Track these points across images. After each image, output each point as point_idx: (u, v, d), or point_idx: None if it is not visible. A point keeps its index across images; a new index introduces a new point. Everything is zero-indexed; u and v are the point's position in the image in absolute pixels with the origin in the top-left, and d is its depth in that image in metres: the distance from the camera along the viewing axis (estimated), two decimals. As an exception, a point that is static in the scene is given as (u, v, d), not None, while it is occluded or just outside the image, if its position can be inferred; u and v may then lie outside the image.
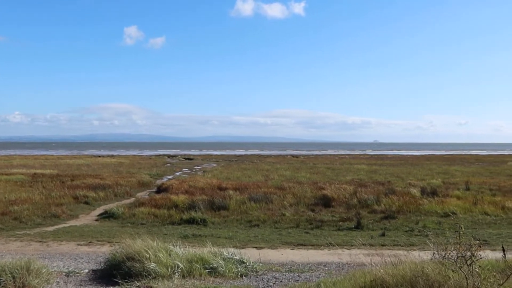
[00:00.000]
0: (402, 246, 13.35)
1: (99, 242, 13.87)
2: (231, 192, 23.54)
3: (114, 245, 12.30)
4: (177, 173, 44.01)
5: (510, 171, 42.19)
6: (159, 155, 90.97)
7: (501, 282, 5.45)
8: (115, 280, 8.65)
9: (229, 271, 9.19)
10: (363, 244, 12.95)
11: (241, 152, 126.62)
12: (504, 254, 7.79)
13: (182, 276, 8.68)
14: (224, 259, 9.63)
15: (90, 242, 13.92)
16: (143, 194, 26.59)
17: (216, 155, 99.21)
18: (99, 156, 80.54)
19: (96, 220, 18.78)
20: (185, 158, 79.78)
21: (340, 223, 17.33)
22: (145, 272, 8.59)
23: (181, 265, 8.91)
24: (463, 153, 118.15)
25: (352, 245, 13.35)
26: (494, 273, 5.84)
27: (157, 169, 47.35)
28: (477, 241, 5.88)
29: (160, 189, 27.91)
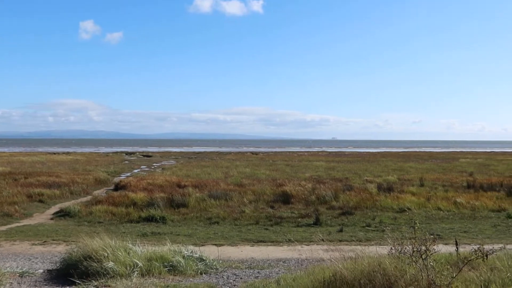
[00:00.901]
0: (359, 241, 13.61)
1: (54, 242, 13.51)
2: (190, 189, 23.39)
3: (70, 244, 12.02)
4: (135, 171, 43.37)
5: (461, 167, 43.65)
6: (117, 152, 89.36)
7: (454, 275, 5.64)
8: (72, 280, 8.45)
9: (189, 268, 9.14)
10: (322, 240, 13.13)
11: (201, 149, 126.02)
12: (457, 247, 8.05)
13: (141, 275, 8.57)
14: (183, 257, 9.56)
15: (45, 241, 13.54)
16: (100, 192, 26.07)
17: (175, 152, 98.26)
18: (54, 153, 78.40)
19: (51, 219, 18.28)
20: (143, 155, 78.68)
21: (299, 219, 17.50)
22: (103, 271, 8.42)
23: (140, 264, 8.78)
24: (417, 150, 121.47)
25: (311, 241, 13.52)
26: (448, 266, 6.04)
27: (114, 166, 46.49)
28: (431, 236, 6.06)
29: (118, 187, 27.42)
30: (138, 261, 8.83)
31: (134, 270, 8.61)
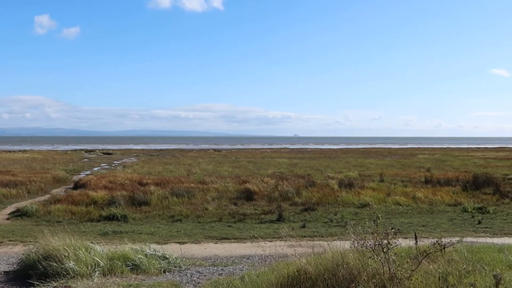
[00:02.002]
0: (322, 236, 13.78)
1: (11, 242, 13.12)
2: (152, 187, 23.14)
3: (28, 244, 11.70)
4: (96, 169, 42.55)
5: (419, 163, 44.78)
6: (76, 150, 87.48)
7: (414, 268, 5.79)
8: (30, 281, 8.23)
9: (152, 267, 9.05)
10: (285, 236, 13.24)
11: (162, 146, 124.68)
12: (416, 241, 8.26)
13: (103, 274, 8.42)
14: (146, 256, 9.46)
15: (1, 242, 13.12)
16: (59, 191, 25.46)
17: (136, 149, 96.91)
18: (9, 152, 75.92)
19: (7, 219, 17.71)
20: (103, 153, 77.23)
21: (263, 216, 17.58)
22: (64, 272, 8.24)
23: (102, 263, 8.63)
24: (377, 146, 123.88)
25: (274, 237, 13.62)
26: (408, 260, 6.20)
27: (73, 164, 45.46)
28: (392, 230, 6.20)
29: (78, 185, 26.84)
30: (99, 261, 8.68)
31: (96, 269, 8.46)
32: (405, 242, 9.99)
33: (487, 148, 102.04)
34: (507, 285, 5.66)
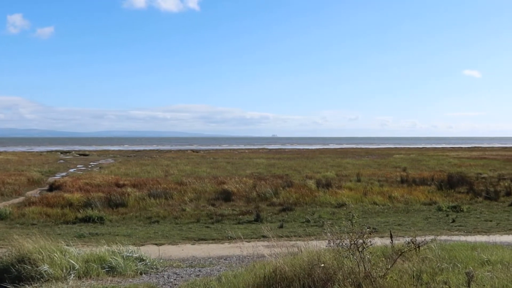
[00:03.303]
0: (299, 236, 13.85)
1: (-16, 246, 12.84)
2: (129, 188, 22.96)
3: (1, 248, 11.47)
4: (71, 170, 41.95)
5: (395, 163, 45.34)
6: (51, 151, 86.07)
7: (389, 267, 5.86)
8: (3, 285, 8.08)
9: (128, 269, 8.96)
10: (262, 236, 13.29)
11: (140, 147, 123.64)
12: (392, 240, 8.37)
13: (78, 277, 8.32)
14: (123, 258, 9.37)
15: (-27, 246, 12.84)
16: (33, 193, 25.02)
17: (113, 150, 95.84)
18: (-17, 153, 74.41)
19: (-20, 222, 17.34)
20: (79, 154, 76.19)
21: (240, 216, 17.60)
22: (38, 275, 8.11)
23: (77, 266, 8.53)
24: (354, 146, 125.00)
25: (252, 238, 13.65)
26: (383, 258, 6.27)
27: (49, 166, 44.74)
28: (368, 229, 6.26)
29: (53, 187, 26.41)
30: (75, 263, 8.57)
31: (71, 272, 8.35)
32: (381, 241, 10.12)
33: (461, 148, 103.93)
34: (479, 282, 5.77)
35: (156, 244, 13.04)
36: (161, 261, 10.15)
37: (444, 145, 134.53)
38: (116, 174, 32.71)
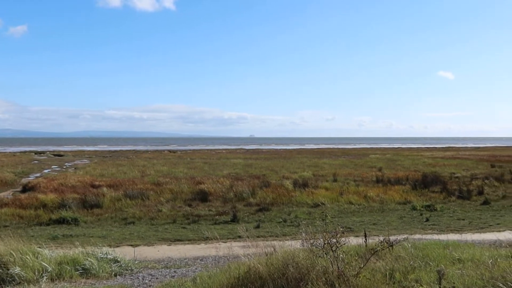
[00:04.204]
0: (276, 236, 13.88)
1: (-47, 248, 12.54)
2: (105, 189, 22.71)
3: (-28, 250, 11.22)
4: (46, 171, 41.27)
5: (371, 163, 45.77)
6: (25, 152, 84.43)
7: (362, 265, 5.92)
8: (-27, 288, 7.91)
9: (102, 271, 8.86)
10: (239, 237, 13.28)
11: (116, 147, 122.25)
12: (366, 239, 8.46)
13: (51, 280, 8.19)
14: (97, 259, 9.27)
15: None
16: (6, 194, 24.52)
17: (89, 151, 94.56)
18: (-46, 154, 72.66)
19: (-50, 224, 16.94)
20: (54, 155, 74.97)
21: (217, 217, 17.56)
22: (9, 278, 7.96)
23: (49, 268, 8.39)
24: (331, 146, 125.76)
25: (228, 238, 13.64)
26: (356, 257, 6.34)
27: (22, 166, 43.90)
28: (341, 229, 6.32)
29: (26, 188, 25.95)
30: (47, 265, 8.44)
31: (43, 275, 8.22)
32: (356, 241, 10.22)
33: (436, 148, 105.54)
34: (449, 280, 5.87)
35: (131, 245, 12.92)
36: (136, 262, 10.07)
37: (419, 145, 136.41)
38: (91, 174, 32.30)
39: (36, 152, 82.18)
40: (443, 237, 13.11)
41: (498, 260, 7.31)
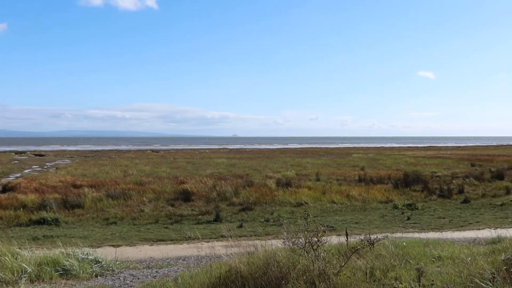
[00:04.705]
0: (259, 236, 13.89)
1: None
2: (86, 189, 22.50)
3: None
4: (26, 171, 40.72)
5: (354, 162, 46.07)
6: (5, 152, 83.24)
7: (343, 264, 5.96)
8: (-50, 291, 7.78)
9: (83, 271, 8.78)
10: (221, 236, 13.27)
11: (98, 147, 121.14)
12: (347, 238, 8.50)
13: (30, 281, 8.09)
14: (78, 260, 9.18)
15: None
16: (-15, 195, 24.15)
17: (70, 150, 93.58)
18: None
19: None
20: (35, 155, 73.97)
21: (200, 216, 17.53)
22: (-13, 280, 7.84)
23: (29, 269, 8.29)
24: (314, 146, 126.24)
25: (211, 238, 13.63)
26: (337, 256, 6.38)
27: (2, 166, 43.29)
28: (323, 228, 6.35)
29: (6, 188, 25.53)
30: (27, 266, 8.34)
31: (22, 276, 8.11)
32: (338, 239, 10.27)
33: (417, 147, 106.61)
34: (428, 277, 5.94)
35: (113, 245, 12.83)
36: (118, 262, 10.00)
37: (401, 145, 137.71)
38: (73, 174, 31.98)
39: (17, 152, 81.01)
40: (423, 235, 13.27)
41: (477, 257, 7.42)
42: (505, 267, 5.35)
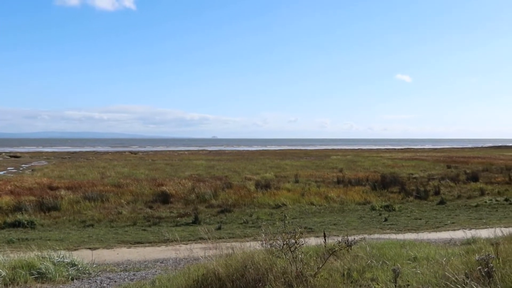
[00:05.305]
0: (237, 238, 13.88)
1: None
2: (63, 191, 22.23)
3: None
4: (1, 173, 39.98)
5: (332, 164, 46.42)
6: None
7: (320, 265, 5.99)
8: None
9: (59, 275, 8.64)
10: (200, 238, 13.21)
11: (75, 149, 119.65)
12: (325, 239, 8.56)
13: (4, 285, 7.93)
14: (53, 263, 9.03)
15: None
16: (-42, 197, 23.63)
17: (47, 152, 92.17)
18: None
19: None
20: (10, 156, 72.64)
21: (178, 218, 17.45)
22: (-41, 284, 7.67)
23: (3, 273, 8.13)
24: (293, 148, 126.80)
25: (189, 240, 13.56)
26: (315, 258, 6.41)
27: (-24, 168, 42.49)
28: (300, 229, 6.38)
29: (-20, 191, 25.09)
30: (1, 270, 8.18)
31: (-4, 280, 7.95)
32: (316, 241, 10.34)
33: (395, 149, 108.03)
34: (404, 278, 6.01)
35: (90, 248, 12.69)
36: (95, 265, 9.88)
37: (379, 147, 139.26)
38: (49, 176, 31.53)
39: (-9, 154, 79.47)
40: (400, 236, 13.40)
41: (452, 258, 7.52)
42: (478, 267, 5.43)
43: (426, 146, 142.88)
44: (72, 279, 8.78)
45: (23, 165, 50.40)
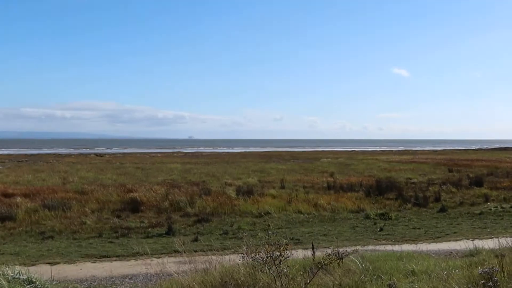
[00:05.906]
0: (215, 250, 13.77)
1: None
2: (19, 199, 21.98)
3: None
4: None
5: (323, 167, 46.58)
6: None
7: (308, 281, 6.00)
8: None
9: (13, 294, 8.53)
10: (174, 251, 13.16)
11: (34, 150, 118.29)
12: (313, 252, 8.58)
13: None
14: (8, 280, 8.88)
15: None
16: None
17: (1, 154, 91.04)
18: None
19: None
20: (-41, 159, 71.67)
21: (150, 229, 17.38)
22: None
23: None
24: (279, 149, 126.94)
25: (162, 253, 13.52)
26: (302, 272, 6.43)
27: None
28: (286, 240, 6.38)
29: None
30: None
31: None
32: (304, 253, 10.35)
33: (391, 151, 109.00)
34: (401, 294, 6.06)
35: (49, 263, 12.60)
36: (55, 283, 9.74)
37: (374, 148, 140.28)
38: (3, 182, 31.10)
39: None
40: (397, 247, 13.52)
41: (453, 271, 7.60)
42: (482, 281, 5.50)
43: (426, 148, 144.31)
44: (29, 298, 8.67)
45: (-27, 170, 49.68)
